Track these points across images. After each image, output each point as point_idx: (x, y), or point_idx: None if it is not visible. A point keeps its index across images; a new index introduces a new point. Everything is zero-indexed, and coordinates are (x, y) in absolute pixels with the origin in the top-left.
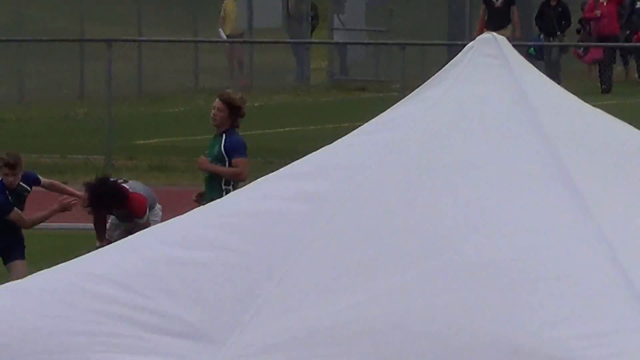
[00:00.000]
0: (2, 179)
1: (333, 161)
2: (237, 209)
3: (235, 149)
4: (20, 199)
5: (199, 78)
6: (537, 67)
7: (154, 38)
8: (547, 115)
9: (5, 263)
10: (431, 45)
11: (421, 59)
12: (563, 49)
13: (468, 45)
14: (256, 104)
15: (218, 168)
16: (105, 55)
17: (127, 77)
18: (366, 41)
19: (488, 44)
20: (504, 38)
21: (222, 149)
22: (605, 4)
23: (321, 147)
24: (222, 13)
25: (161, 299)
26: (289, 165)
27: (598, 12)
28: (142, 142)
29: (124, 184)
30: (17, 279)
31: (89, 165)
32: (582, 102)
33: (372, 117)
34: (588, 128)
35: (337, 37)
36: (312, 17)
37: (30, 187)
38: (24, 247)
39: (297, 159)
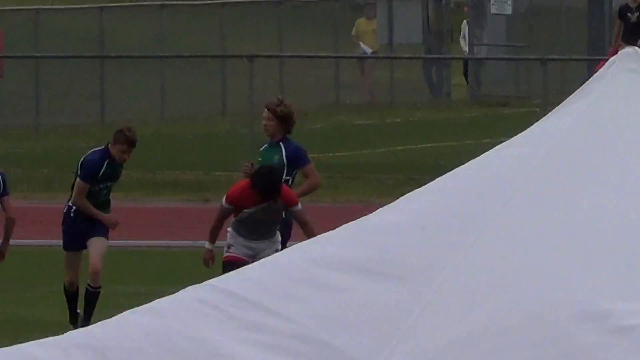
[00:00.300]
0: (110, 150)
1: (479, 176)
2: (384, 225)
3: (299, 157)
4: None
5: (340, 94)
6: None
7: (295, 54)
8: None
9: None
10: (571, 60)
11: (561, 74)
12: None
13: (610, 59)
14: (397, 120)
15: (300, 189)
16: (246, 71)
17: (269, 93)
18: (506, 56)
19: (630, 59)
20: None
21: (285, 158)
22: None
23: (463, 162)
24: (353, 32)
25: (310, 324)
26: (435, 181)
27: None
28: None
29: None
30: (96, 256)
31: (232, 182)
32: None
33: (514, 133)
34: None
35: (477, 53)
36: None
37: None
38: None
39: (439, 174)
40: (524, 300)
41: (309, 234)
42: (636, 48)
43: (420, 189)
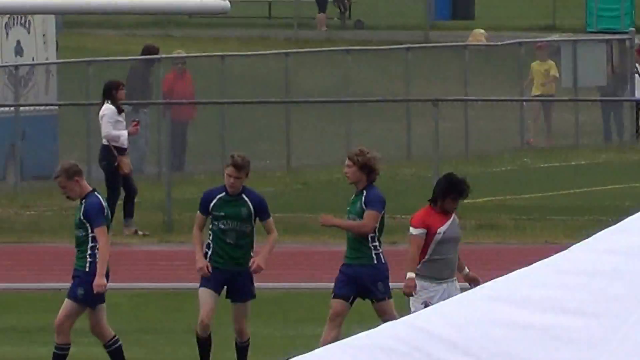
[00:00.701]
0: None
1: None
2: (576, 266)
3: (371, 202)
4: (238, 213)
5: (524, 136)
6: None
7: (479, 97)
8: None
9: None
10: None
11: None
12: None
13: None
14: (582, 162)
15: (343, 222)
16: (431, 115)
17: (454, 137)
18: None
19: None
20: None
21: (363, 204)
22: None
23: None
24: (530, 75)
25: None
26: (625, 221)
27: None
28: (470, 201)
29: None
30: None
31: (405, 225)
32: None
33: None
34: None
35: None
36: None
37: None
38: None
39: (625, 216)
40: None
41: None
42: None
43: (611, 228)
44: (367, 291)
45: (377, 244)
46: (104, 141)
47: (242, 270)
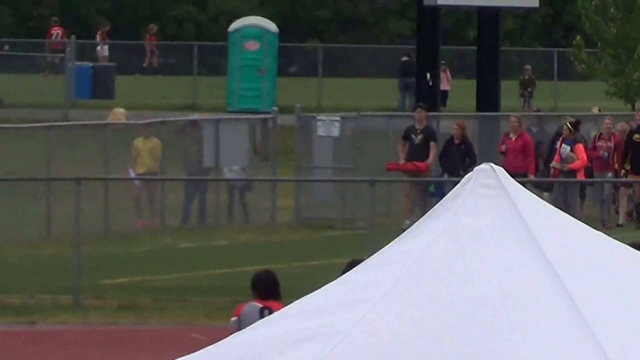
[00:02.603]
0: None
1: (335, 299)
2: None
3: None
4: None
5: (165, 216)
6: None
7: (120, 176)
8: (548, 241)
9: None
10: (399, 182)
11: (387, 195)
12: None
13: (467, 176)
14: (224, 243)
15: None
16: (72, 194)
17: (94, 216)
18: (335, 178)
19: (486, 175)
20: (501, 168)
21: None
22: (513, 139)
23: (288, 286)
24: (133, 152)
25: None
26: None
27: (503, 147)
28: (109, 281)
29: None
30: None
31: (57, 305)
32: (581, 223)
33: (340, 255)
34: (588, 250)
35: (304, 175)
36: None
37: None
38: None
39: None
40: None
41: None
42: (491, 164)
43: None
44: None
45: None
46: None
47: None
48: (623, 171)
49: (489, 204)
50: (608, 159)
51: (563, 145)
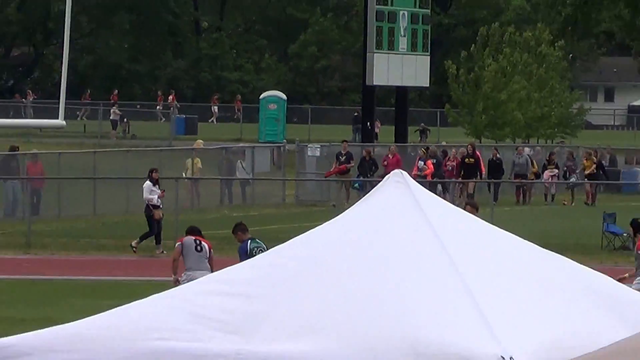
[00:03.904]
0: None
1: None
2: None
3: None
4: None
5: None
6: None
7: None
8: (438, 222)
9: None
10: (342, 181)
11: (340, 188)
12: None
13: (386, 176)
14: (255, 213)
15: None
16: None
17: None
18: (317, 179)
19: (397, 176)
20: (406, 173)
21: None
22: (390, 157)
23: (288, 237)
24: (187, 164)
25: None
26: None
27: (385, 163)
28: None
29: None
30: None
31: None
32: (463, 212)
33: (319, 220)
34: (467, 226)
35: (300, 177)
36: None
37: None
38: None
39: None
40: None
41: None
42: (402, 171)
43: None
44: None
45: None
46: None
47: None
48: (460, 177)
49: (397, 192)
50: (452, 170)
51: (419, 161)
